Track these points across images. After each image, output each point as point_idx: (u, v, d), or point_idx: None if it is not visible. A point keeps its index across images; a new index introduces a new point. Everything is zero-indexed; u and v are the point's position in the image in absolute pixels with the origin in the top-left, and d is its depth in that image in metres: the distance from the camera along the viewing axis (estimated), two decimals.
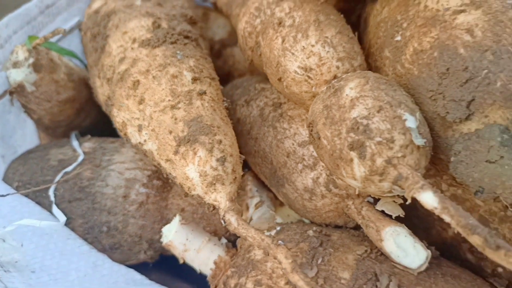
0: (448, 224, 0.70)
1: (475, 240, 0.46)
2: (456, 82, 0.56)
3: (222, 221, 0.60)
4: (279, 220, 0.76)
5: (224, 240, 0.71)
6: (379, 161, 0.53)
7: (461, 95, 0.56)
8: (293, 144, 0.70)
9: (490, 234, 0.45)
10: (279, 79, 0.67)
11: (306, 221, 0.74)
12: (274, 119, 0.74)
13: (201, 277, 0.71)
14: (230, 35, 1.04)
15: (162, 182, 0.78)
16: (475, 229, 0.46)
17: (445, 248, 0.71)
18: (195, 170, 0.62)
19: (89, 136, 0.86)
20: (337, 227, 0.71)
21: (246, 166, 0.81)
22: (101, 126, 0.91)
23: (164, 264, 0.83)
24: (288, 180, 0.70)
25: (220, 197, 0.61)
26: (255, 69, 0.92)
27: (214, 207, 0.62)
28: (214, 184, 0.61)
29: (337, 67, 0.63)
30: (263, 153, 0.74)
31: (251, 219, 0.72)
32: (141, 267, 0.83)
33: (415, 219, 0.73)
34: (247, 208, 0.75)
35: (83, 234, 0.76)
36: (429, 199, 0.49)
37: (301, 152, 0.69)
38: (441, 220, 0.65)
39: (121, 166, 0.77)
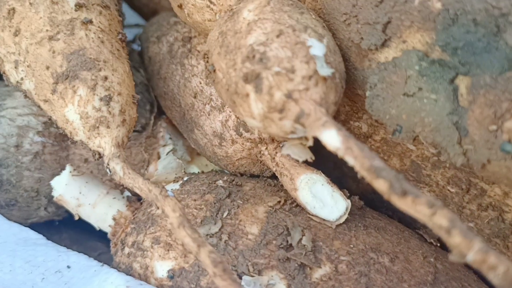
0: None
1: (380, 186, 0.39)
2: (371, 2, 0.47)
3: (107, 170, 0.52)
4: (195, 171, 0.68)
5: (126, 193, 0.63)
6: (278, 95, 0.45)
7: (376, 16, 0.47)
8: (200, 83, 0.61)
9: (396, 177, 0.38)
10: (180, 6, 0.57)
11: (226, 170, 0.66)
12: (182, 56, 0.65)
13: None
14: None
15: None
16: (380, 172, 0.39)
17: (376, 197, 0.64)
18: (75, 112, 0.53)
19: None
20: (253, 176, 0.63)
21: (161, 111, 0.72)
22: None
23: (77, 221, 0.75)
24: (196, 124, 0.62)
25: (104, 143, 0.52)
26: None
27: (100, 155, 0.53)
28: (98, 127, 0.52)
29: None
30: (171, 95, 0.65)
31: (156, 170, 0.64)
32: (50, 226, 0.75)
33: (345, 167, 0.66)
34: (158, 157, 0.67)
35: None
36: (331, 138, 0.41)
37: (209, 92, 0.60)
38: None
39: (13, 112, 0.68)
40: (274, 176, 0.62)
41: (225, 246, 0.53)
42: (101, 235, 0.76)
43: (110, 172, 0.51)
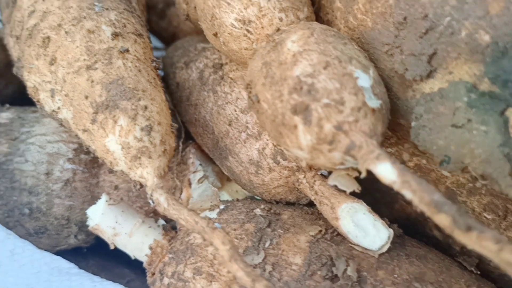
0: None
1: (442, 220, 0.38)
2: (415, 33, 0.48)
3: (150, 201, 0.51)
4: (226, 197, 0.68)
5: (161, 222, 0.63)
6: (328, 127, 0.45)
7: (421, 48, 0.47)
8: (235, 111, 0.61)
9: (460, 212, 0.38)
10: (215, 35, 0.57)
11: (258, 197, 0.66)
12: (214, 82, 0.65)
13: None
14: None
15: (91, 157, 0.68)
16: (442, 206, 0.38)
17: (410, 224, 0.64)
18: (116, 142, 0.52)
19: (7, 105, 0.75)
20: (289, 204, 0.62)
21: (189, 136, 0.72)
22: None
23: (103, 248, 0.75)
24: (231, 152, 0.62)
25: (146, 173, 0.52)
26: (201, 29, 0.82)
27: (141, 185, 0.53)
28: (140, 157, 0.52)
29: (280, 19, 0.53)
30: (203, 122, 0.65)
31: (191, 197, 0.64)
32: (76, 253, 0.74)
33: (377, 193, 0.66)
34: (189, 185, 0.66)
35: (3, 218, 0.67)
36: (386, 171, 0.41)
37: (245, 119, 0.60)
38: None
39: (42, 139, 0.67)
40: (309, 204, 0.62)
41: (269, 277, 0.52)
42: (128, 262, 0.75)
43: (153, 203, 0.51)
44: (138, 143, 0.52)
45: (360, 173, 0.45)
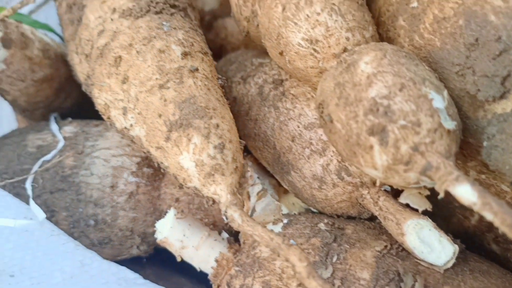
0: (471, 212, 0.64)
1: None
2: (488, 55, 0.49)
3: (224, 217, 0.53)
4: (284, 210, 0.69)
5: (225, 235, 0.64)
6: (404, 148, 0.46)
7: (495, 69, 0.48)
8: (298, 127, 0.63)
9: None
10: (281, 53, 0.59)
11: (315, 210, 0.67)
12: (275, 98, 0.66)
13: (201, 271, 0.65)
14: (221, 5, 0.95)
15: (153, 170, 0.70)
16: None
17: (468, 238, 0.64)
18: (190, 159, 0.54)
19: (69, 119, 0.78)
20: (349, 218, 0.64)
21: (245, 150, 0.73)
22: (86, 107, 0.82)
23: (160, 257, 0.77)
24: (294, 167, 0.63)
25: (220, 190, 0.54)
26: (250, 42, 0.84)
27: (213, 201, 0.55)
28: (213, 175, 0.54)
29: (347, 39, 0.55)
30: (264, 136, 0.67)
31: (253, 211, 0.65)
32: (134, 262, 0.77)
33: (434, 207, 0.67)
34: (248, 197, 0.68)
35: (68, 229, 0.69)
36: (466, 193, 0.42)
37: (308, 136, 0.62)
38: (463, 207, 0.59)
39: (107, 153, 0.70)
40: (371, 218, 0.63)
41: None
42: (183, 271, 0.77)
43: (227, 219, 0.52)
44: (212, 160, 0.54)
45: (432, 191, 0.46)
